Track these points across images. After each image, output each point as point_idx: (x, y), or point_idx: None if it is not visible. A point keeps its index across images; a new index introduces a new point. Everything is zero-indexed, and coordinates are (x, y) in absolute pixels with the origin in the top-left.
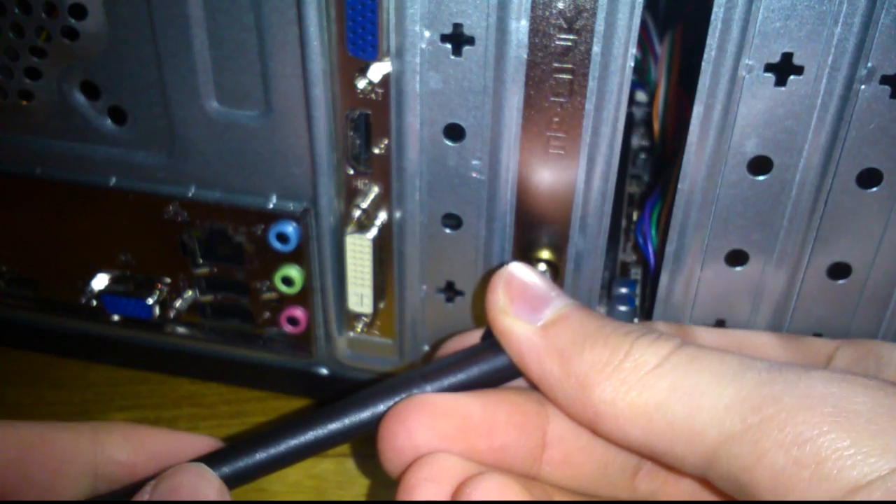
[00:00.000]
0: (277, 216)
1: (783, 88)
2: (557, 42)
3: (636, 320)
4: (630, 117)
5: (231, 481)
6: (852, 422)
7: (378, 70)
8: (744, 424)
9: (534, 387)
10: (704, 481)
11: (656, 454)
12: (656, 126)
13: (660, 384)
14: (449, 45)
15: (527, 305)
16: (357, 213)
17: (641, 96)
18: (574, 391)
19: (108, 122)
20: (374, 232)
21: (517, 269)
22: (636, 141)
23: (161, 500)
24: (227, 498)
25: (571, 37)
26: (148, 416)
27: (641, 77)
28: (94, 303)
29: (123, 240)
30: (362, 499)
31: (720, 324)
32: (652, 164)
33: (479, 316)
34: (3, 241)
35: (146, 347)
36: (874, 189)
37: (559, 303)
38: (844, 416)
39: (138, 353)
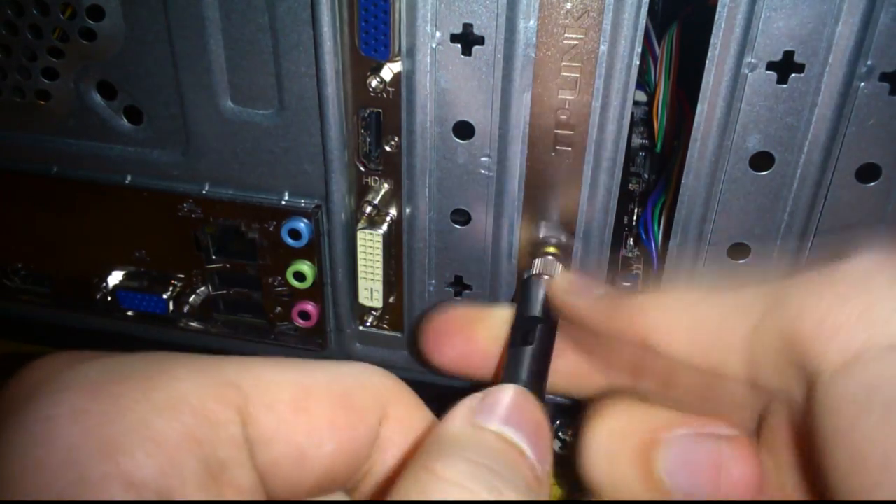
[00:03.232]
0: (290, 213)
1: (784, 86)
2: (565, 41)
3: None
4: (630, 116)
5: None
6: None
7: (390, 69)
8: (786, 293)
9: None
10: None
11: (703, 359)
12: (656, 124)
13: (704, 305)
14: (459, 45)
15: (582, 290)
16: (368, 209)
17: (640, 96)
18: (626, 322)
19: (124, 121)
20: (384, 228)
21: (566, 273)
22: (636, 140)
23: None
24: None
25: (578, 36)
26: None
27: (640, 77)
28: (109, 299)
29: (138, 236)
30: None
31: None
32: (651, 161)
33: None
34: (19, 239)
35: (160, 342)
36: (873, 183)
37: (603, 288)
38: (889, 272)
39: (152, 348)
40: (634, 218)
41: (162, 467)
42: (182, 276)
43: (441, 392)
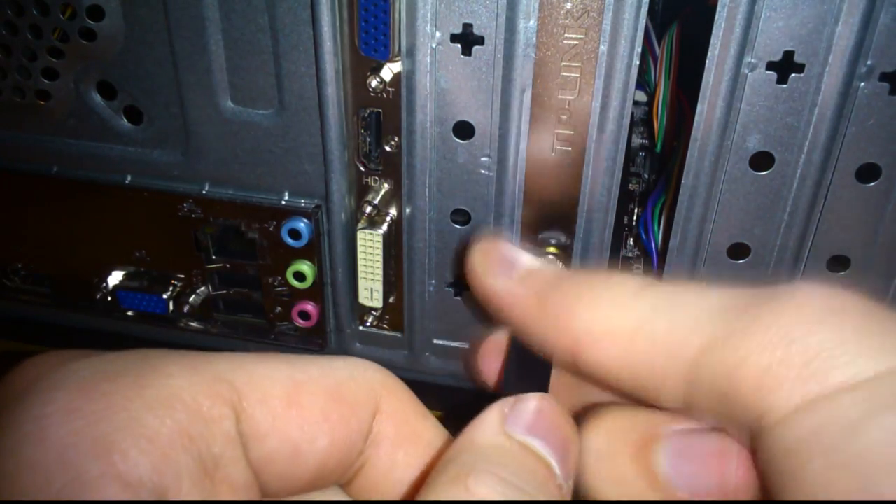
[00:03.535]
0: (290, 213)
1: (784, 86)
2: (565, 41)
3: None
4: (630, 116)
5: None
6: (841, 322)
7: (389, 69)
8: (727, 329)
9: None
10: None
11: (637, 377)
12: (656, 124)
13: (640, 306)
14: (459, 45)
15: (502, 266)
16: (368, 209)
17: (640, 96)
18: (553, 323)
19: (124, 121)
20: (384, 228)
21: (486, 241)
22: (636, 140)
23: None
24: None
25: (578, 36)
26: None
27: (640, 77)
28: (109, 299)
29: (138, 237)
30: None
31: None
32: (651, 161)
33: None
34: (19, 239)
35: (160, 342)
36: (873, 183)
37: (530, 260)
38: (832, 315)
39: (152, 348)
40: (634, 218)
41: (156, 465)
42: (182, 276)
43: (441, 392)
